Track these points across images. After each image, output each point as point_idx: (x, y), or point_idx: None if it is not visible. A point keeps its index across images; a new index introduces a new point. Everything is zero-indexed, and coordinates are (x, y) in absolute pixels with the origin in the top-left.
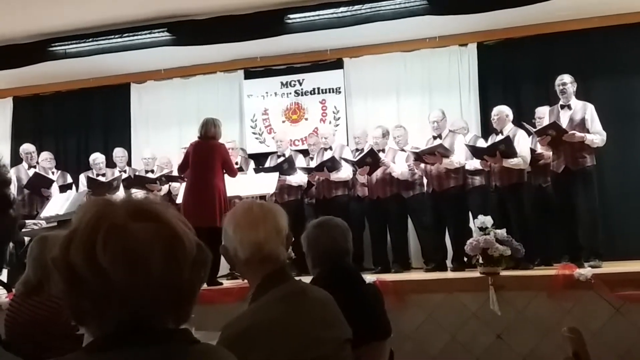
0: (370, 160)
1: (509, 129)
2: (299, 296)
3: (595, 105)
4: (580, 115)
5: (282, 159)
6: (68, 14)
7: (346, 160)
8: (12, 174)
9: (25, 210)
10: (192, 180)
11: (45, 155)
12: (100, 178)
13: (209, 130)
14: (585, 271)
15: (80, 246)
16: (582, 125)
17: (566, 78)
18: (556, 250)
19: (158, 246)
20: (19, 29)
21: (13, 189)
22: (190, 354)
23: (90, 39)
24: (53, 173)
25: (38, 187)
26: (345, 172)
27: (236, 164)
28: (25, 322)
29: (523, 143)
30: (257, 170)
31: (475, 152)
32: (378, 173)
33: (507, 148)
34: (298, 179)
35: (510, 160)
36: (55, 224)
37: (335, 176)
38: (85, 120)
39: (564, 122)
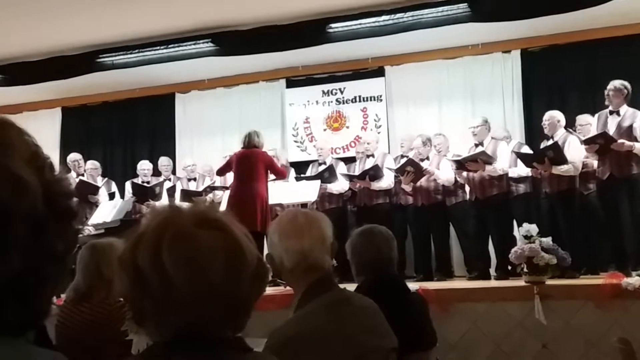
0: (412, 169)
1: (560, 134)
2: (344, 304)
3: None
4: (628, 122)
5: (323, 167)
6: (115, 26)
7: (389, 169)
8: (72, 185)
9: None
10: (235, 188)
11: (91, 164)
12: (145, 185)
13: (252, 140)
14: (634, 280)
15: (147, 248)
16: (629, 133)
17: (614, 83)
18: (602, 258)
19: (221, 255)
20: (67, 41)
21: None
22: None
23: (137, 50)
24: (102, 180)
25: (84, 194)
26: (386, 182)
27: None
28: (75, 328)
29: (574, 149)
30: (298, 179)
31: (524, 159)
32: (422, 181)
33: (555, 154)
34: (339, 186)
35: (560, 167)
36: (103, 231)
37: (376, 185)
38: (132, 130)
39: (611, 128)
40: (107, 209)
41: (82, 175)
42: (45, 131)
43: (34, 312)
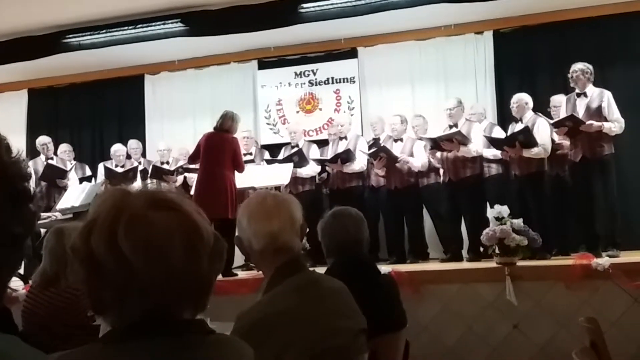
0: (384, 155)
1: (528, 117)
2: (313, 286)
3: (612, 93)
4: (596, 103)
5: (295, 149)
6: (82, 6)
7: (362, 152)
8: (29, 166)
9: (43, 202)
10: (203, 172)
11: (64, 147)
12: (119, 169)
13: (225, 123)
14: (603, 261)
15: (102, 235)
16: (598, 114)
17: (577, 66)
18: (573, 239)
19: (178, 236)
20: (33, 21)
21: (32, 182)
22: (207, 345)
23: (104, 31)
24: (71, 164)
25: (52, 178)
26: (358, 164)
27: (250, 154)
28: (42, 313)
29: (543, 131)
30: (269, 162)
31: (495, 143)
32: (396, 165)
33: (526, 138)
34: (310, 170)
35: (530, 150)
36: (71, 215)
37: (348, 168)
38: (100, 112)
39: (580, 111)
40: (76, 193)
41: (52, 159)
42: (11, 113)
43: None
